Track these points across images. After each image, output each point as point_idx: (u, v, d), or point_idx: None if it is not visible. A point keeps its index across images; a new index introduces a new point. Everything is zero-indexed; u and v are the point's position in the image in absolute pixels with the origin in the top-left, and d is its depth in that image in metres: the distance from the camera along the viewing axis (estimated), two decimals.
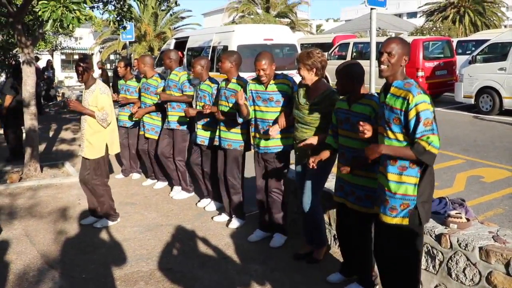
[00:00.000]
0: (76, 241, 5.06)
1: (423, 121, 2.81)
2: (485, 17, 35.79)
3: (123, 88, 7.20)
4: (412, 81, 2.96)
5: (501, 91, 11.82)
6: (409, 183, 2.97)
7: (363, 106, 3.47)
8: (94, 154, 5.22)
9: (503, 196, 6.17)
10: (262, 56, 4.53)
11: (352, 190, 3.58)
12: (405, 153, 2.91)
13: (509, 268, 3.03)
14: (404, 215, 3.00)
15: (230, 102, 5.02)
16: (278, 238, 4.82)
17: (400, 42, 3.03)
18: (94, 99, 5.10)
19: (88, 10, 4.55)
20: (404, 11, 58.64)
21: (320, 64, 4.03)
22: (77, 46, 34.91)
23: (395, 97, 2.95)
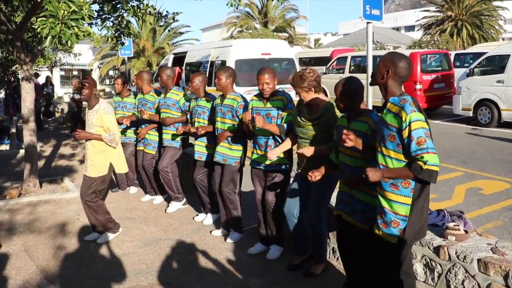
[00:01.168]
0: (75, 256, 5.05)
1: (415, 140, 2.80)
2: (482, 30, 35.99)
3: (120, 105, 7.23)
4: (407, 98, 2.93)
5: (499, 103, 11.87)
6: (401, 203, 2.96)
7: (361, 123, 3.47)
8: (96, 172, 5.23)
9: (502, 208, 6.17)
10: (265, 70, 4.58)
11: (349, 200, 3.58)
12: (404, 175, 2.90)
13: (508, 280, 3.03)
14: (394, 234, 3.00)
15: (227, 118, 5.07)
16: (274, 250, 4.83)
17: (387, 55, 3.05)
18: (99, 120, 5.12)
19: (86, 26, 4.58)
20: (402, 24, 59.00)
21: (316, 81, 4.09)
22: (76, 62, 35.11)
23: (390, 113, 2.95)
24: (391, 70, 2.98)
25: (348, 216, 3.59)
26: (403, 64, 2.99)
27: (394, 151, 2.94)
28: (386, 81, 3.01)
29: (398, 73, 2.99)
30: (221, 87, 5.11)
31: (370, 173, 2.98)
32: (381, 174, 2.98)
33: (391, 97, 3.01)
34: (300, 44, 38.39)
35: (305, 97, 4.10)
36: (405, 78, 3.03)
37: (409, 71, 3.02)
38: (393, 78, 3.00)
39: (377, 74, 3.06)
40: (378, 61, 3.07)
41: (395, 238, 3.00)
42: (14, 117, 12.19)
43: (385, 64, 3.01)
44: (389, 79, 3.00)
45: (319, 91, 4.14)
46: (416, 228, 3.00)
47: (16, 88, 14.11)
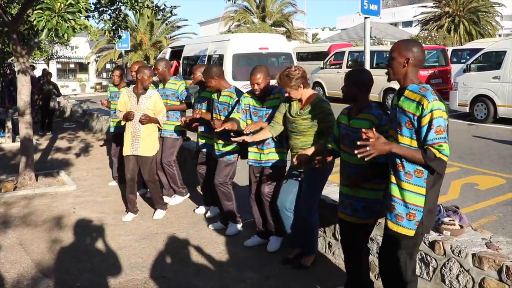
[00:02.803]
0: (71, 249, 5.04)
1: (435, 128, 2.74)
2: (479, 26, 36.03)
3: (117, 95, 7.21)
4: (428, 86, 2.88)
5: (496, 99, 11.90)
6: (416, 193, 2.90)
7: (361, 121, 3.41)
8: (151, 151, 5.80)
9: (497, 203, 6.20)
10: (256, 70, 4.57)
11: (350, 202, 3.54)
12: (414, 156, 2.82)
13: (501, 275, 3.04)
14: (411, 227, 2.93)
15: (223, 115, 5.09)
16: (274, 241, 4.84)
17: (399, 45, 2.99)
18: (152, 103, 5.71)
19: (83, 19, 4.56)
20: (399, 20, 58.95)
21: (302, 78, 4.06)
22: (73, 55, 35.02)
23: (409, 100, 2.88)
24: (410, 56, 2.91)
25: (350, 217, 3.54)
26: (419, 48, 2.95)
27: (410, 138, 2.87)
28: (407, 69, 2.93)
29: (417, 57, 2.92)
30: (213, 89, 5.15)
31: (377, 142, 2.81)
32: (390, 147, 2.84)
33: (410, 84, 2.94)
34: (298, 39, 38.35)
35: (294, 96, 4.10)
36: (423, 62, 3.00)
37: (424, 54, 2.99)
38: (413, 65, 2.93)
39: (396, 65, 2.96)
40: (391, 54, 2.99)
41: (413, 231, 2.93)
42: (10, 110, 12.14)
43: (402, 53, 2.92)
44: (409, 67, 2.92)
45: (307, 85, 4.14)
46: (431, 220, 2.97)
47: (12, 80, 14.07)
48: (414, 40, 3.05)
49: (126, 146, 5.80)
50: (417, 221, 2.91)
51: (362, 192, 3.47)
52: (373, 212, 3.49)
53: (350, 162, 3.52)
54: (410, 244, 2.99)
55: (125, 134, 5.85)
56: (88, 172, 8.46)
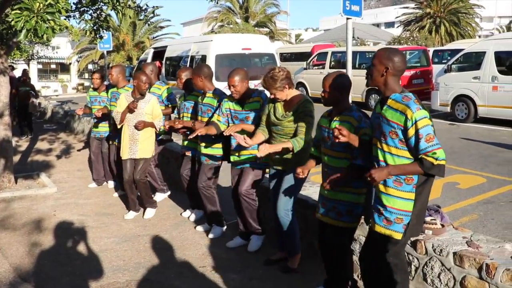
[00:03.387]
0: (51, 253, 4.97)
1: (424, 138, 2.76)
2: (460, 27, 36.55)
3: (96, 100, 7.26)
4: (410, 95, 2.90)
5: (476, 99, 12.05)
6: (405, 199, 2.91)
7: (342, 123, 3.39)
8: (147, 154, 5.87)
9: (478, 202, 6.27)
10: (234, 72, 4.56)
11: (333, 205, 3.52)
12: (412, 171, 2.84)
13: (481, 273, 3.07)
14: (398, 230, 2.94)
15: (207, 116, 5.06)
16: (254, 241, 4.83)
17: (380, 52, 2.99)
18: (150, 108, 5.79)
19: (63, 20, 4.49)
20: (381, 21, 59.45)
21: (287, 78, 4.05)
22: (54, 55, 34.59)
23: (392, 109, 2.88)
24: (390, 66, 2.92)
25: (334, 221, 3.52)
26: (400, 58, 2.95)
27: (395, 148, 2.88)
28: (386, 78, 2.95)
29: (397, 67, 2.93)
30: (198, 88, 5.12)
31: (376, 174, 2.86)
32: (387, 173, 2.88)
33: (392, 93, 2.94)
34: (281, 39, 38.45)
35: (280, 97, 4.08)
36: (403, 71, 3.00)
37: (405, 63, 2.99)
38: (393, 74, 2.94)
39: (375, 73, 2.98)
40: (372, 60, 3.02)
41: (400, 234, 2.94)
42: None
43: (382, 62, 2.94)
44: (389, 76, 2.94)
45: (292, 86, 4.13)
46: (419, 223, 2.98)
47: None
48: (396, 49, 3.05)
49: (124, 150, 5.83)
50: (404, 224, 2.93)
51: (344, 195, 3.46)
52: (356, 216, 3.51)
53: (330, 165, 3.53)
54: (397, 246, 3.01)
55: (123, 137, 5.87)
56: (69, 174, 8.36)
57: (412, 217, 2.92)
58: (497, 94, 11.58)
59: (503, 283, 2.95)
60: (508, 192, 6.64)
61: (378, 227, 3.01)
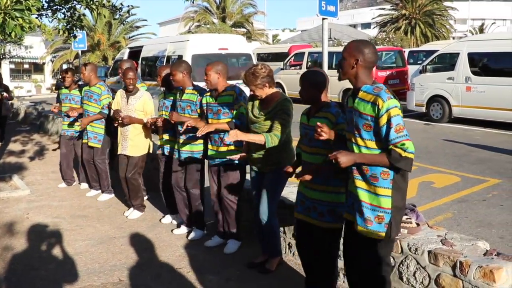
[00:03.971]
0: (24, 257, 4.86)
1: (394, 127, 2.70)
2: (434, 29, 37.13)
3: (67, 98, 7.25)
4: (381, 86, 2.84)
5: (450, 99, 12.24)
6: (383, 195, 2.84)
7: (319, 119, 3.38)
8: (139, 151, 5.88)
9: (452, 201, 6.36)
10: (212, 63, 4.59)
11: (314, 205, 3.49)
12: (380, 161, 2.78)
13: (455, 270, 3.11)
14: (380, 230, 2.86)
15: (186, 113, 4.97)
16: (231, 245, 4.81)
17: (350, 45, 2.94)
18: (141, 104, 5.81)
19: (33, 18, 4.39)
20: (358, 22, 60.02)
21: (268, 76, 4.03)
22: (28, 55, 33.96)
23: (364, 101, 2.82)
24: (360, 58, 2.85)
25: (317, 221, 3.49)
26: (370, 49, 2.88)
27: (370, 140, 2.82)
28: (356, 70, 2.88)
29: (368, 59, 2.86)
30: (178, 83, 5.02)
31: (342, 158, 2.79)
32: (353, 158, 2.82)
33: (363, 85, 2.88)
34: (258, 40, 38.47)
35: (260, 94, 4.06)
36: (375, 63, 2.93)
37: (376, 55, 2.92)
38: (363, 66, 2.87)
39: (346, 66, 2.90)
40: (342, 53, 2.94)
41: (383, 233, 2.86)
42: None
43: (352, 54, 2.87)
44: (360, 68, 2.87)
45: (273, 85, 4.11)
46: (399, 220, 2.92)
47: None
48: (366, 41, 3.00)
49: (118, 146, 5.97)
50: (386, 223, 2.85)
51: (325, 195, 3.43)
52: (340, 217, 3.40)
53: (308, 161, 3.52)
54: (382, 247, 2.94)
55: (118, 133, 5.99)
56: (43, 176, 8.21)
57: (393, 215, 2.85)
58: (470, 94, 11.79)
59: (476, 280, 3.00)
60: (481, 191, 6.76)
61: (360, 228, 2.93)
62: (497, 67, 11.66)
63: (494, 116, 11.45)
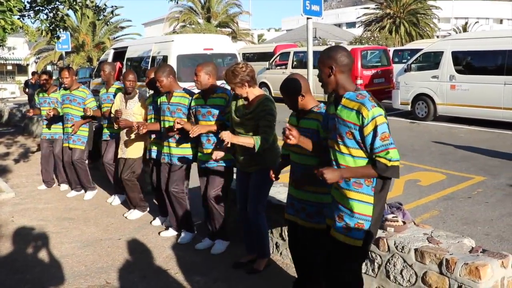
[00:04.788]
0: (9, 260, 4.80)
1: (379, 136, 2.67)
2: (419, 28, 37.43)
3: (46, 101, 7.25)
4: (364, 93, 2.79)
5: (435, 98, 12.34)
6: (364, 202, 2.81)
7: (311, 121, 3.39)
8: (136, 154, 5.88)
9: (438, 199, 6.41)
10: (199, 65, 4.55)
11: (302, 206, 3.50)
12: (366, 173, 2.75)
13: (441, 268, 3.13)
14: (358, 237, 2.82)
15: (176, 116, 4.89)
16: (219, 245, 4.80)
17: (321, 55, 2.90)
18: (139, 108, 5.80)
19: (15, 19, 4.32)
20: (343, 21, 60.22)
21: (249, 76, 3.99)
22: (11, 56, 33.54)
23: (347, 109, 2.77)
24: (334, 64, 2.81)
25: (305, 222, 3.49)
26: (341, 53, 2.83)
27: (354, 149, 2.78)
28: (335, 78, 2.83)
29: (341, 63, 2.81)
30: (165, 88, 4.94)
31: (327, 174, 2.72)
32: (339, 174, 2.76)
33: (345, 92, 2.82)
34: (243, 40, 38.46)
35: (239, 93, 4.04)
36: (350, 65, 2.87)
37: (350, 57, 2.86)
38: (340, 71, 2.81)
39: (323, 77, 2.86)
40: (318, 66, 2.91)
41: (360, 241, 2.82)
42: None
43: (325, 62, 2.84)
44: (337, 74, 2.82)
45: (254, 85, 4.08)
46: (378, 226, 2.91)
47: None
48: (336, 46, 2.94)
49: (119, 150, 6.02)
50: (365, 230, 2.82)
51: (313, 196, 3.44)
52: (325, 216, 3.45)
53: (298, 163, 3.52)
54: (359, 254, 2.92)
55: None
56: (28, 178, 8.11)
57: (372, 222, 2.82)
58: (455, 92, 11.90)
59: (461, 277, 3.02)
60: (466, 188, 6.82)
61: (337, 234, 2.89)
62: (481, 65, 11.80)
63: (478, 114, 11.58)
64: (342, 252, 2.92)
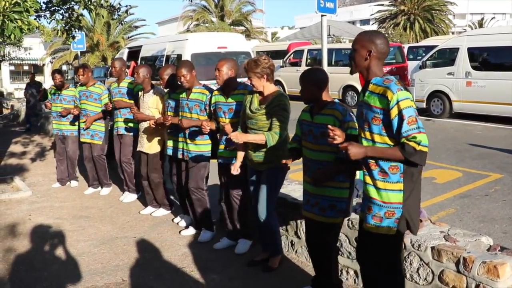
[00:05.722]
0: (26, 258, 4.86)
1: (407, 119, 2.60)
2: (434, 24, 37.10)
3: (58, 98, 7.43)
4: (391, 78, 2.74)
5: (451, 95, 12.22)
6: (393, 190, 2.75)
7: (325, 117, 3.37)
8: (155, 149, 5.85)
9: (454, 196, 6.35)
10: (222, 60, 4.55)
11: (316, 201, 3.48)
12: (392, 154, 2.68)
13: (459, 266, 3.10)
14: (391, 225, 2.77)
15: (194, 113, 4.90)
16: (242, 244, 4.76)
17: (361, 36, 2.86)
18: (154, 102, 5.79)
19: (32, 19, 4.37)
20: (357, 18, 59.93)
21: (269, 69, 4.02)
22: (27, 56, 33.92)
23: (373, 94, 2.74)
24: (373, 49, 2.76)
25: (318, 216, 3.48)
26: (382, 40, 2.80)
27: (379, 135, 2.73)
28: (369, 62, 2.78)
29: (380, 50, 2.78)
30: (191, 83, 4.91)
31: (352, 149, 2.71)
32: (364, 151, 2.73)
33: (373, 77, 2.79)
34: (257, 38, 38.44)
35: (256, 84, 4.03)
36: (387, 54, 2.84)
37: (388, 47, 2.83)
38: (376, 57, 2.78)
39: (358, 58, 2.80)
40: (353, 45, 2.85)
41: (394, 229, 2.77)
42: None
43: (364, 45, 2.77)
44: (372, 59, 2.78)
45: (271, 80, 4.08)
46: (413, 214, 2.82)
47: None
48: (378, 32, 2.91)
49: (138, 144, 6.06)
50: (397, 218, 2.75)
51: (327, 190, 3.42)
52: (340, 211, 3.43)
53: (313, 159, 3.49)
54: (394, 243, 2.86)
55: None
56: (45, 177, 8.20)
57: (405, 209, 2.75)
58: (471, 89, 11.77)
59: (479, 276, 2.99)
60: (483, 186, 6.75)
61: (369, 226, 2.85)
62: (497, 62, 11.66)
63: (495, 110, 11.44)
64: (378, 244, 2.86)
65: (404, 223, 2.79)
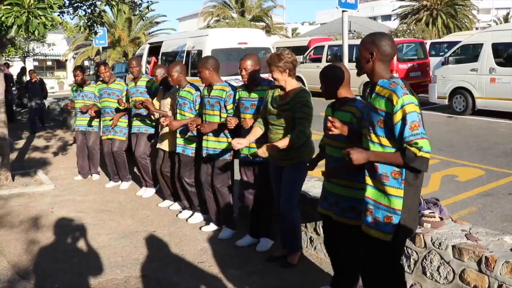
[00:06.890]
0: (49, 250, 4.94)
1: (409, 125, 2.59)
2: (457, 20, 36.47)
3: (80, 95, 7.56)
4: (398, 81, 2.72)
5: (474, 91, 12.02)
6: (393, 195, 2.73)
7: (344, 113, 3.36)
8: (168, 147, 5.80)
9: (477, 195, 6.26)
10: (246, 56, 4.53)
11: (336, 201, 3.45)
12: (394, 160, 2.67)
13: (481, 266, 3.06)
14: (387, 230, 2.75)
15: (215, 110, 4.88)
16: (264, 242, 4.75)
17: (364, 39, 2.86)
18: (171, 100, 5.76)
19: (55, 15, 4.43)
20: (378, 14, 59.36)
21: (292, 64, 4.00)
22: (50, 52, 34.42)
23: (379, 97, 2.72)
24: (375, 51, 2.76)
25: (339, 217, 3.44)
26: (386, 42, 2.77)
27: (385, 138, 2.71)
28: (372, 64, 2.79)
29: (383, 52, 2.76)
30: (205, 80, 4.92)
31: (354, 154, 2.71)
32: (366, 156, 2.72)
33: (379, 79, 2.79)
34: (277, 34, 38.35)
35: (278, 78, 4.01)
36: (392, 56, 2.82)
37: (393, 47, 2.80)
38: (380, 59, 2.77)
39: (361, 60, 2.82)
40: (359, 47, 2.87)
41: (389, 235, 2.75)
42: None
43: (367, 47, 2.79)
44: (376, 61, 2.78)
45: (293, 75, 4.06)
46: (410, 222, 2.78)
47: None
48: (382, 33, 2.87)
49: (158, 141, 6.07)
50: (394, 224, 2.73)
51: (346, 190, 3.39)
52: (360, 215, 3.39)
53: (332, 156, 3.48)
54: (388, 248, 2.83)
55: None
56: (67, 171, 8.32)
57: (403, 216, 2.72)
58: (495, 86, 11.55)
59: (502, 276, 2.94)
60: (506, 184, 6.63)
61: (366, 227, 2.85)
62: None
63: None
64: (373, 247, 2.86)
65: (401, 231, 2.76)
